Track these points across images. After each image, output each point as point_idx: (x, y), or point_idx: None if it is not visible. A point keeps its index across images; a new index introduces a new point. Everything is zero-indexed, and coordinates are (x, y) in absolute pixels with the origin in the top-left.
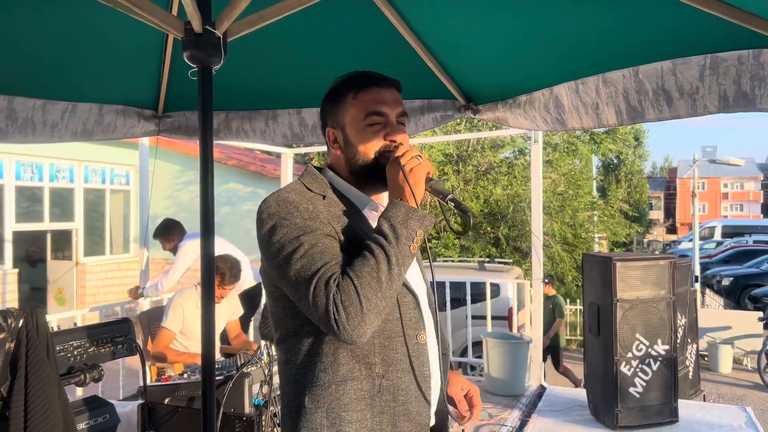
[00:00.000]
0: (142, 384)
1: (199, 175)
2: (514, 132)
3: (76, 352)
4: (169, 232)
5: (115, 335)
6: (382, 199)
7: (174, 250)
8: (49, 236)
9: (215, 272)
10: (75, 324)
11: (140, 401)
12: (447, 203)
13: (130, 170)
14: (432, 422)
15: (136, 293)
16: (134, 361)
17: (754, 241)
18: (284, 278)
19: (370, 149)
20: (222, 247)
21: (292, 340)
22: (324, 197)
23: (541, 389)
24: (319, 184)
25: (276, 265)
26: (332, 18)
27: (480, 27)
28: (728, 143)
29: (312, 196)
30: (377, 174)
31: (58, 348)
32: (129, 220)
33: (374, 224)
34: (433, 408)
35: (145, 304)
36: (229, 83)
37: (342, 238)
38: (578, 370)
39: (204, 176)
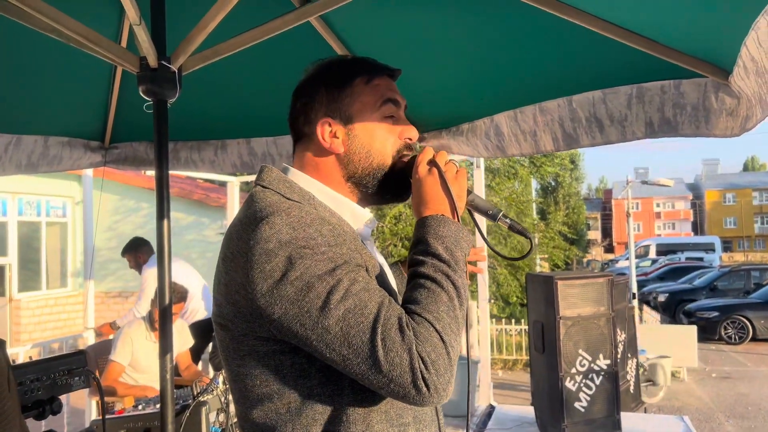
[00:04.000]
0: (98, 416)
1: (156, 208)
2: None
3: (33, 385)
4: (138, 250)
5: (72, 367)
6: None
7: (139, 269)
8: None
9: (156, 294)
10: (14, 361)
11: None
12: (498, 222)
13: (67, 202)
14: None
15: (111, 328)
16: (77, 397)
17: (686, 258)
18: (314, 330)
19: (387, 148)
20: (182, 270)
21: (299, 412)
22: (316, 211)
23: (491, 408)
24: (300, 195)
25: (296, 314)
26: (281, 50)
27: (426, 59)
28: (659, 165)
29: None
30: (391, 181)
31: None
32: (66, 254)
33: (370, 248)
34: None
35: (90, 338)
36: (178, 114)
37: (369, 269)
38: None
39: (160, 209)
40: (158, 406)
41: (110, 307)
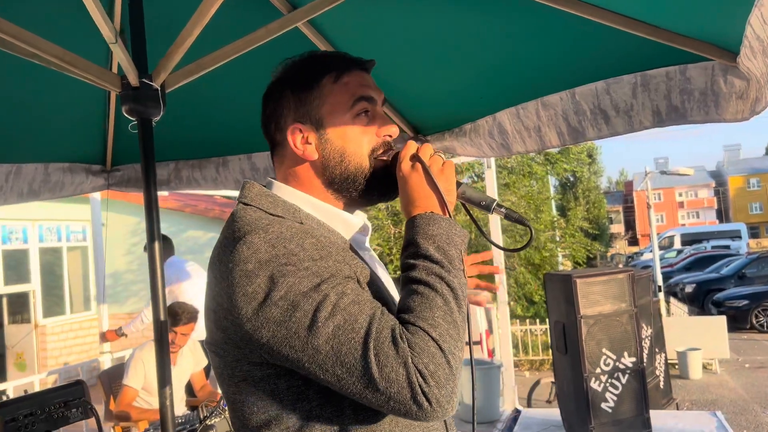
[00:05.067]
0: None
1: (146, 229)
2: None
3: (27, 420)
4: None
5: (69, 399)
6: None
7: None
8: (5, 300)
9: (168, 315)
10: (26, 391)
11: None
12: (493, 213)
13: (87, 226)
14: None
15: (116, 335)
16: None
17: (712, 247)
18: (304, 351)
19: (362, 148)
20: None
21: None
22: (301, 224)
23: (516, 413)
24: (284, 209)
25: (284, 336)
26: (273, 59)
27: (423, 64)
28: (679, 153)
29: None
30: (373, 181)
31: (6, 419)
32: (88, 277)
33: (368, 254)
34: None
35: (106, 363)
36: (176, 133)
37: (360, 279)
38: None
39: (150, 231)
40: (178, 429)
41: None
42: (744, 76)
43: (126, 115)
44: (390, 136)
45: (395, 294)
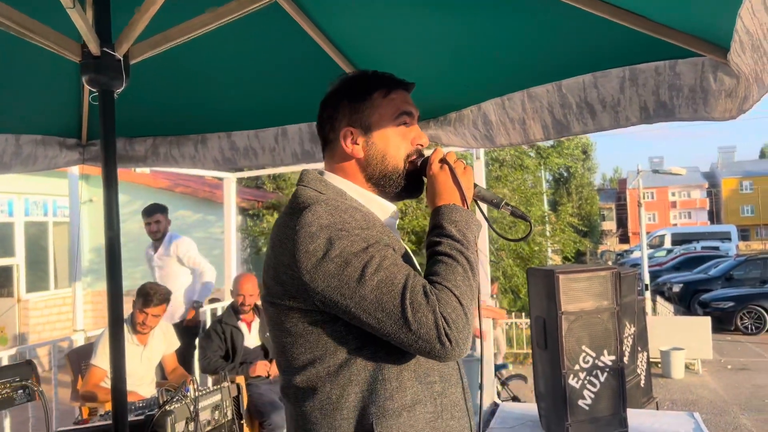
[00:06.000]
0: (82, 419)
1: (104, 205)
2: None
3: None
4: (167, 213)
5: (14, 380)
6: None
7: (160, 235)
8: None
9: (139, 296)
10: None
11: None
12: (501, 210)
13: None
14: None
15: (195, 310)
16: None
17: (702, 248)
18: (352, 298)
19: (400, 153)
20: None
21: (338, 373)
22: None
23: (494, 406)
24: (333, 191)
25: (337, 285)
26: (256, 39)
27: (407, 45)
28: (675, 153)
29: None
30: (407, 179)
31: None
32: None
33: (397, 235)
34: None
35: (79, 341)
36: (154, 108)
37: (395, 249)
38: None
39: (108, 205)
40: (137, 413)
41: None
42: (734, 74)
43: (87, 85)
44: (422, 145)
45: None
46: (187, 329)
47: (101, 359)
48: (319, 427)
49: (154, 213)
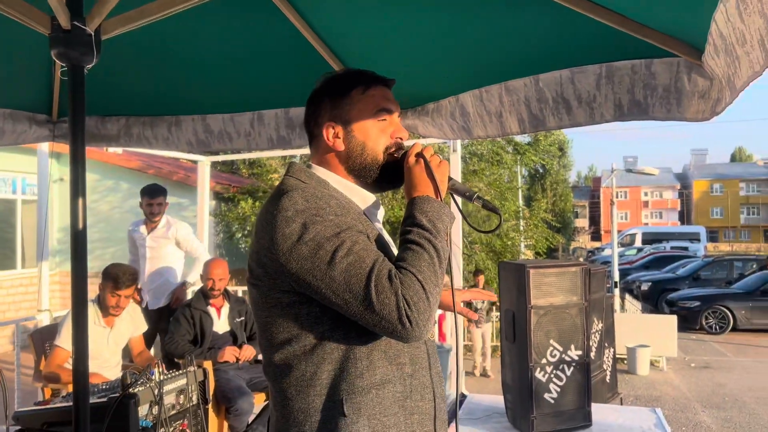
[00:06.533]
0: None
1: (70, 185)
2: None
3: None
4: (164, 194)
5: None
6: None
7: (158, 217)
8: None
9: (108, 278)
10: None
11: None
12: (474, 203)
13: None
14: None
15: (182, 292)
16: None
17: (671, 247)
18: (323, 280)
19: (379, 145)
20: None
21: (312, 352)
22: (328, 191)
23: (462, 397)
24: (316, 181)
25: (309, 267)
26: (236, 22)
27: (387, 34)
28: (649, 154)
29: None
30: (385, 172)
31: None
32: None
33: (378, 224)
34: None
35: (45, 321)
36: (128, 88)
37: (369, 236)
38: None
39: (74, 189)
40: (100, 395)
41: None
42: (707, 76)
43: (55, 59)
44: (401, 138)
45: (396, 252)
46: (156, 313)
47: (65, 340)
48: (294, 402)
49: (158, 195)
